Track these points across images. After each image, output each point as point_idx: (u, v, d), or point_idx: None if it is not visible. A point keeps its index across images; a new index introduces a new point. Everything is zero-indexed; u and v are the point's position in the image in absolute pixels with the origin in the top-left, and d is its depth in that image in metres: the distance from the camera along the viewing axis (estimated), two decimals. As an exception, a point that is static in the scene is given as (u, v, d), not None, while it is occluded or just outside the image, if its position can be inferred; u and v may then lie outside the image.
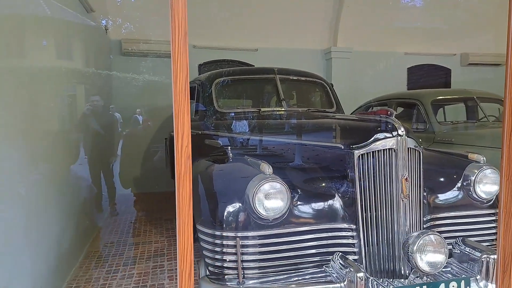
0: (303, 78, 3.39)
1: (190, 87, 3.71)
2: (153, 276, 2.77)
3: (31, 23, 2.39)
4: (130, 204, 4.98)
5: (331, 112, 3.17)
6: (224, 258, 1.65)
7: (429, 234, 1.62)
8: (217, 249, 1.66)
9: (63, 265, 2.67)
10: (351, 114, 4.03)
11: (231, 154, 2.16)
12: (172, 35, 1.01)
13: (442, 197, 2.01)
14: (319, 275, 1.69)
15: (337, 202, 1.80)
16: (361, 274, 1.54)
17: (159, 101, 5.39)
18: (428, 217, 1.92)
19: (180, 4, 1.01)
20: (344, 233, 1.76)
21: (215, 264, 1.67)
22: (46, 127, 2.55)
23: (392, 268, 1.74)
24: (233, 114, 2.97)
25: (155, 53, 5.30)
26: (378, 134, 1.77)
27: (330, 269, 1.70)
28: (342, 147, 1.86)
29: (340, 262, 1.68)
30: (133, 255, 3.18)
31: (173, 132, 3.79)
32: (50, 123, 2.66)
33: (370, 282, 1.64)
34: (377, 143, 1.76)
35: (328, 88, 3.44)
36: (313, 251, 1.72)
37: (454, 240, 1.92)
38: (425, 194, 1.93)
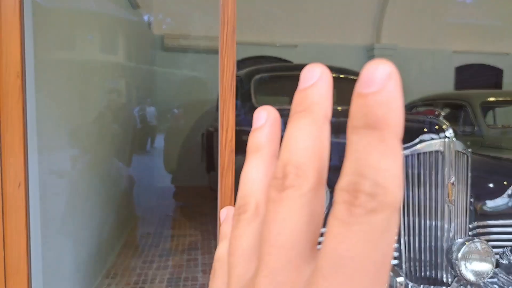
0: (344, 76, 3.32)
1: (230, 83, 3.62)
2: (187, 268, 2.83)
3: (79, 17, 2.50)
4: (166, 197, 5.12)
5: (372, 112, 3.09)
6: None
7: (475, 242, 1.54)
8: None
9: (102, 253, 2.79)
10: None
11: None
12: (221, 30, 1.01)
13: (490, 204, 1.91)
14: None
15: (378, 205, 1.74)
16: (401, 279, 1.49)
17: (197, 97, 5.48)
18: (475, 224, 1.82)
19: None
20: (384, 237, 1.71)
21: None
22: (90, 119, 2.66)
23: (433, 275, 1.67)
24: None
25: (194, 48, 5.39)
26: (424, 135, 1.70)
27: (369, 273, 1.66)
28: (385, 148, 1.80)
29: (379, 266, 1.63)
30: (168, 247, 3.27)
31: (210, 127, 3.85)
32: (94, 115, 2.77)
33: (409, 288, 1.58)
34: (423, 144, 1.68)
35: (369, 86, 3.34)
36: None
37: (502, 249, 1.82)
38: (472, 200, 1.83)
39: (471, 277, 1.53)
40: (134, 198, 4.18)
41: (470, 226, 1.80)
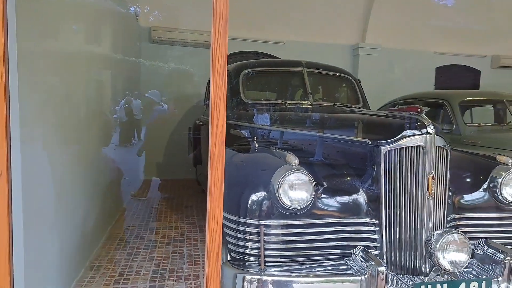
0: (330, 73, 3.38)
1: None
2: (172, 260, 2.84)
3: (64, 7, 2.46)
4: (152, 189, 5.10)
5: (357, 108, 3.16)
6: (246, 245, 1.68)
7: (453, 233, 1.61)
8: (240, 235, 1.69)
9: (87, 244, 2.77)
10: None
11: (256, 145, 2.18)
12: (213, 22, 1.03)
13: (467, 197, 2.00)
14: (340, 267, 1.71)
15: (361, 197, 1.80)
16: (382, 268, 1.55)
17: (184, 90, 5.46)
18: (452, 217, 1.91)
19: (223, -8, 1.04)
20: (366, 228, 1.77)
21: (237, 250, 1.71)
22: (75, 110, 2.63)
23: (413, 265, 1.74)
24: (259, 106, 2.99)
25: (182, 42, 5.35)
26: (406, 131, 1.76)
27: (351, 262, 1.71)
28: (369, 143, 1.86)
29: (361, 255, 1.69)
30: (153, 239, 3.28)
31: (197, 120, 3.86)
32: (78, 106, 2.74)
33: (390, 277, 1.64)
34: (405, 140, 1.75)
35: (355, 84, 3.41)
36: (335, 243, 1.74)
37: (477, 241, 1.91)
38: (450, 193, 1.91)
39: (448, 266, 1.61)
40: (118, 190, 4.15)
41: (448, 218, 1.88)
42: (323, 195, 1.76)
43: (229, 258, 1.76)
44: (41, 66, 1.97)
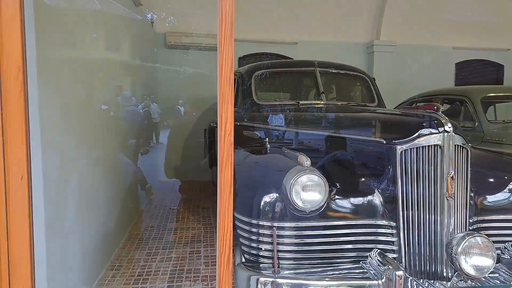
0: (343, 72, 3.33)
1: (231, 79, 3.63)
2: (190, 261, 2.87)
3: (84, 16, 2.53)
4: (169, 191, 5.17)
5: (372, 107, 3.09)
6: (259, 246, 1.67)
7: (475, 236, 1.54)
8: (253, 237, 1.68)
9: (107, 245, 2.83)
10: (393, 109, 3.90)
11: (268, 146, 2.17)
12: (219, 24, 1.03)
13: (491, 199, 1.91)
14: (356, 270, 1.67)
15: (376, 198, 1.76)
16: (400, 273, 1.50)
17: (200, 93, 5.51)
18: (475, 219, 1.83)
19: (228, -6, 1.03)
20: (383, 230, 1.72)
21: (251, 252, 1.70)
22: (96, 115, 2.70)
23: (433, 269, 1.68)
24: (271, 107, 2.98)
25: (197, 46, 5.41)
26: (423, 130, 1.71)
27: (368, 265, 1.67)
28: (384, 142, 1.81)
29: (378, 259, 1.65)
30: (171, 240, 3.31)
31: (212, 123, 3.87)
32: (99, 112, 2.81)
33: (409, 282, 1.59)
34: (422, 139, 1.69)
35: (369, 82, 3.35)
36: (350, 246, 1.70)
37: (504, 245, 1.82)
38: (472, 194, 1.83)
39: (471, 271, 1.54)
40: (138, 192, 4.23)
41: (471, 220, 1.80)
42: (337, 197, 1.73)
43: (243, 259, 1.76)
44: (62, 72, 2.03)
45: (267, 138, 2.42)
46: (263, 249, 1.66)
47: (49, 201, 1.72)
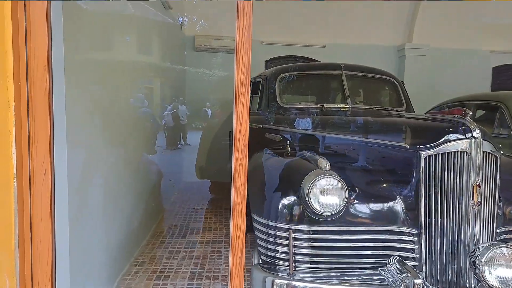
0: (371, 75, 3.27)
1: (255, 82, 3.77)
2: (210, 260, 2.91)
3: (116, 19, 2.64)
4: (193, 191, 5.27)
5: (400, 112, 3.02)
6: (276, 248, 1.68)
7: (501, 247, 1.48)
8: (270, 239, 1.69)
9: (131, 242, 2.93)
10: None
11: (289, 149, 2.17)
12: (237, 25, 1.05)
13: (521, 209, 1.81)
14: (374, 277, 1.64)
15: (398, 205, 1.72)
16: (419, 281, 1.46)
17: (227, 96, 5.57)
18: (502, 229, 1.74)
19: (246, -5, 1.05)
20: (403, 237, 1.68)
21: (268, 253, 1.71)
22: (123, 116, 2.79)
23: (455, 279, 1.62)
24: (295, 110, 2.97)
25: (225, 49, 5.50)
26: (449, 135, 1.65)
27: (386, 272, 1.64)
28: (408, 147, 1.77)
29: (397, 266, 1.61)
30: (193, 239, 3.38)
31: (237, 124, 3.82)
32: (126, 112, 2.91)
33: (429, 291, 1.55)
34: (448, 144, 1.64)
35: (398, 86, 3.27)
36: (369, 252, 1.67)
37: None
38: (500, 204, 1.75)
39: (495, 283, 1.47)
40: (163, 191, 4.34)
41: (498, 230, 1.72)
42: (356, 201, 1.71)
43: (260, 261, 1.77)
44: (89, 73, 2.11)
45: (288, 141, 2.43)
46: (279, 251, 1.67)
47: (73, 197, 1.78)
